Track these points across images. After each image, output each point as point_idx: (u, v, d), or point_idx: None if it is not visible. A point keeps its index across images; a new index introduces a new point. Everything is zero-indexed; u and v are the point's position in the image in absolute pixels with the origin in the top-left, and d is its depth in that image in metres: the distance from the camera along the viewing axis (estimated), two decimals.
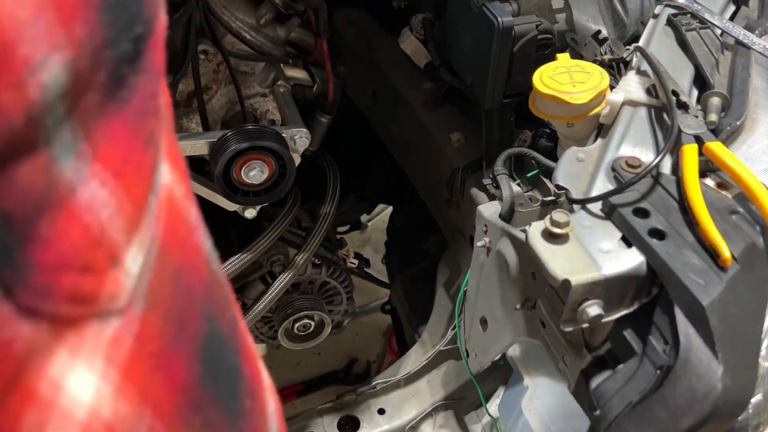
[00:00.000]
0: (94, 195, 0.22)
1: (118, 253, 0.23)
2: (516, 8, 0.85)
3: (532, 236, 0.60)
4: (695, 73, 0.76)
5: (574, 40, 0.90)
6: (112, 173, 0.23)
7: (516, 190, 0.85)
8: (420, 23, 1.03)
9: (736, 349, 0.52)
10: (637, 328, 0.59)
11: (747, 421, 0.57)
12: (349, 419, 1.16)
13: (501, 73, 0.88)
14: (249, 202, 0.88)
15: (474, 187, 1.00)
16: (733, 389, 0.51)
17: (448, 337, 1.13)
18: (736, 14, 0.87)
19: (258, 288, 1.13)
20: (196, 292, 0.27)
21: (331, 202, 1.05)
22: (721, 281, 0.54)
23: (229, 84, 0.94)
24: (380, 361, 1.85)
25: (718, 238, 0.55)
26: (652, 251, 0.56)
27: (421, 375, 1.20)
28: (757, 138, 0.70)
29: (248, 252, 0.98)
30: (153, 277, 0.25)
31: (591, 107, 0.74)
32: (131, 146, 0.24)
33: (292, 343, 1.21)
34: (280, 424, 0.35)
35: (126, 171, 0.23)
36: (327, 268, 1.16)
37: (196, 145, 0.82)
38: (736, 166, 0.61)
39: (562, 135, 0.82)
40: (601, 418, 0.58)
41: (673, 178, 0.64)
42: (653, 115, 0.72)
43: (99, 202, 0.22)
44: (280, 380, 1.87)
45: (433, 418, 1.19)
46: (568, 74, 0.75)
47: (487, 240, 0.81)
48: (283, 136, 0.85)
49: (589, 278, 0.56)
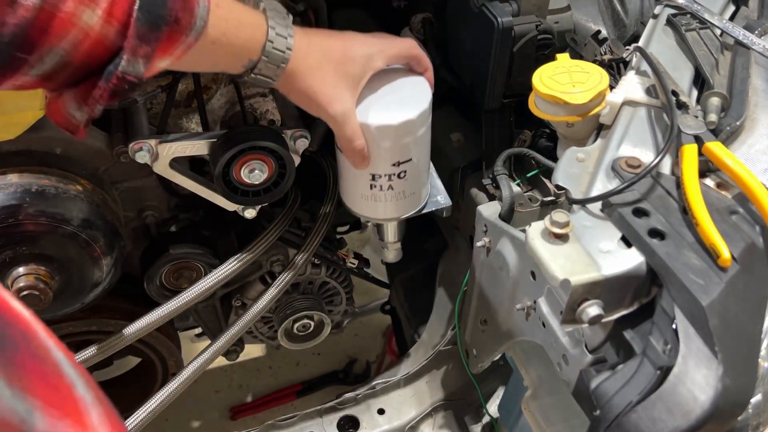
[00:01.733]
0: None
1: None
2: (516, 8, 0.85)
3: (531, 236, 0.60)
4: (695, 73, 0.76)
5: (574, 40, 0.90)
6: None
7: (516, 190, 0.85)
8: (420, 23, 1.03)
9: (736, 349, 0.52)
10: (637, 328, 0.59)
11: (747, 421, 0.57)
12: (349, 419, 1.16)
13: (501, 74, 0.88)
14: (249, 202, 0.88)
15: (474, 187, 1.00)
16: (733, 389, 0.51)
17: (448, 337, 1.13)
18: (736, 14, 0.87)
19: (258, 288, 1.13)
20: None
21: (331, 202, 1.04)
22: (721, 281, 0.54)
23: (228, 84, 0.94)
24: (380, 361, 1.86)
25: (717, 238, 0.55)
26: (651, 251, 0.56)
27: (421, 375, 1.20)
28: (756, 138, 0.70)
29: (248, 252, 0.98)
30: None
31: (591, 107, 0.74)
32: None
33: (291, 344, 1.21)
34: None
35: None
36: (327, 268, 1.16)
37: (196, 145, 0.82)
38: (735, 166, 0.61)
39: (562, 135, 0.82)
40: (601, 418, 0.58)
41: (672, 178, 0.64)
42: (653, 115, 0.72)
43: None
44: (280, 380, 1.87)
45: (433, 418, 1.19)
46: (567, 74, 0.76)
47: (487, 240, 0.81)
48: (283, 136, 0.85)
49: (588, 278, 0.56)
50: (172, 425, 1.69)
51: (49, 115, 0.68)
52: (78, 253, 0.88)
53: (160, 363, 1.24)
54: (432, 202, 0.93)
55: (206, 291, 0.96)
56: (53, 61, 0.60)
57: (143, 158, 0.80)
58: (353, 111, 0.77)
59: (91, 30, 0.59)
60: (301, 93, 0.75)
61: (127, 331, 0.93)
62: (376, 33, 0.82)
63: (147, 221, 1.05)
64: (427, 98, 0.82)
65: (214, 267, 0.98)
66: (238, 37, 0.68)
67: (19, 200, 0.82)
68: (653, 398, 0.54)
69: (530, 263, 0.68)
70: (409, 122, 0.79)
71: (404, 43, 0.83)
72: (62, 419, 0.26)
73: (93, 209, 0.87)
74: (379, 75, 0.80)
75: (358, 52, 0.77)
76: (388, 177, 0.84)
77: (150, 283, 1.04)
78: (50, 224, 0.84)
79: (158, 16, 0.61)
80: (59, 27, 0.58)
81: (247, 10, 0.70)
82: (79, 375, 0.29)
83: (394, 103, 0.80)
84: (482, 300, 0.89)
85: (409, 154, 0.83)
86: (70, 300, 0.92)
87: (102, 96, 0.62)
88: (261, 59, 0.71)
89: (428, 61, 0.84)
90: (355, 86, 0.77)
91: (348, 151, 0.80)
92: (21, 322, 0.27)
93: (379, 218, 0.93)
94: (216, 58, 0.69)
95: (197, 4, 0.63)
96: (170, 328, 1.22)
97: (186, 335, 1.46)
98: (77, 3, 0.58)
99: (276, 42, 0.70)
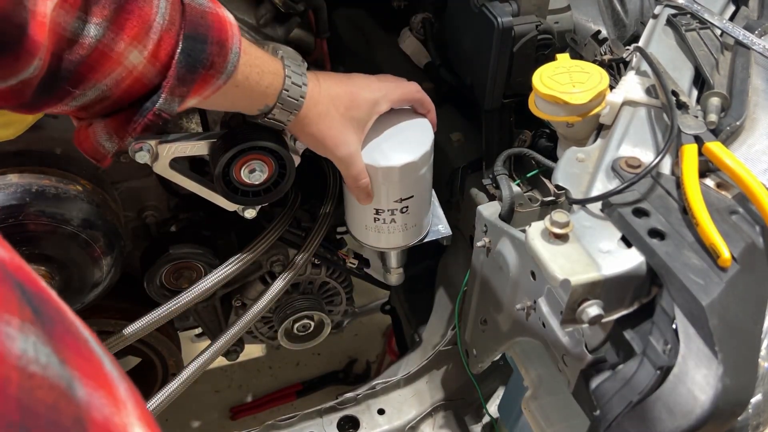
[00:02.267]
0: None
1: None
2: (516, 8, 0.85)
3: (531, 236, 0.60)
4: (695, 73, 0.76)
5: (574, 40, 0.90)
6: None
7: (516, 190, 0.85)
8: (420, 23, 1.03)
9: (736, 349, 0.52)
10: (637, 328, 0.59)
11: (747, 421, 0.57)
12: (349, 419, 1.16)
13: (501, 74, 0.88)
14: (249, 202, 0.88)
15: (474, 187, 1.00)
16: (733, 389, 0.51)
17: (448, 337, 1.12)
18: (736, 14, 0.87)
19: (258, 288, 1.13)
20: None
21: (331, 202, 1.04)
22: (721, 281, 0.54)
23: None
24: (380, 362, 1.85)
25: (717, 238, 0.55)
26: (651, 251, 0.56)
27: (421, 375, 1.20)
28: (756, 138, 0.70)
29: (248, 252, 0.98)
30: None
31: (591, 107, 0.74)
32: None
33: (291, 344, 1.21)
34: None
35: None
36: (327, 268, 1.16)
37: (196, 145, 0.82)
38: (735, 166, 0.61)
39: (562, 135, 0.82)
40: (601, 418, 0.58)
41: (672, 178, 0.64)
42: (653, 115, 0.72)
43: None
44: (280, 380, 1.87)
45: (433, 418, 1.19)
46: (567, 74, 0.75)
47: (487, 240, 0.81)
48: (283, 137, 0.85)
49: (588, 278, 0.56)
50: (172, 425, 1.69)
51: (77, 143, 0.70)
52: (78, 253, 0.88)
53: (160, 363, 1.24)
54: (433, 232, 0.98)
55: (206, 291, 0.96)
56: (94, 94, 0.63)
57: (143, 158, 0.80)
58: (359, 153, 0.82)
59: (135, 69, 0.62)
60: (311, 136, 0.80)
61: (127, 331, 0.93)
62: (382, 76, 0.87)
63: (147, 221, 1.05)
64: (429, 140, 0.86)
65: (214, 267, 0.98)
66: (260, 84, 0.72)
67: (19, 200, 0.82)
68: (653, 398, 0.54)
69: (530, 263, 0.68)
70: (411, 164, 0.84)
71: (408, 87, 0.87)
72: (97, 390, 0.27)
73: (93, 209, 0.87)
74: (385, 116, 0.85)
75: (363, 98, 0.81)
76: (391, 212, 0.89)
77: (150, 283, 1.04)
78: (50, 224, 0.84)
79: (197, 60, 0.65)
80: (107, 65, 0.61)
81: (269, 58, 0.74)
82: (104, 353, 0.30)
83: (397, 145, 0.84)
84: (482, 300, 0.89)
85: (412, 191, 0.87)
86: (70, 300, 0.92)
87: (135, 129, 0.66)
88: (276, 105, 0.75)
89: (431, 103, 0.89)
90: (360, 129, 0.82)
91: (353, 189, 0.85)
92: (52, 300, 0.29)
93: (383, 247, 0.97)
94: (236, 100, 0.73)
95: (230, 50, 0.67)
96: (170, 328, 1.22)
97: (186, 335, 1.46)
98: (127, 44, 0.61)
99: (291, 91, 0.74)
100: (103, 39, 0.59)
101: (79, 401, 0.25)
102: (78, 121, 0.69)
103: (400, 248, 0.97)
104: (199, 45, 0.64)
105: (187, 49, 0.64)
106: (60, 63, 0.58)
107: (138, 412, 0.30)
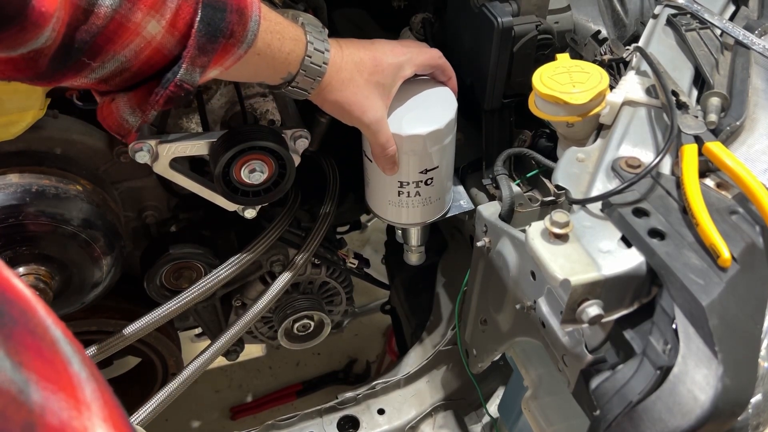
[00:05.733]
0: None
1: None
2: (516, 8, 0.85)
3: (531, 236, 0.60)
4: (695, 73, 0.76)
5: (574, 40, 0.90)
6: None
7: (516, 190, 0.85)
8: (420, 23, 1.03)
9: (736, 349, 0.52)
10: (637, 328, 0.59)
11: (747, 421, 0.56)
12: (349, 419, 1.16)
13: (501, 74, 0.88)
14: (249, 202, 0.88)
15: (474, 187, 1.00)
16: (733, 389, 0.51)
17: (448, 337, 1.13)
18: (736, 14, 0.87)
19: (258, 288, 1.13)
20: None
21: (331, 202, 1.05)
22: (721, 281, 0.54)
23: (228, 84, 0.93)
24: (380, 362, 1.86)
25: (717, 238, 0.55)
26: (651, 251, 0.56)
27: (421, 375, 1.20)
28: (756, 138, 0.70)
29: (248, 252, 0.98)
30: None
31: (591, 107, 0.74)
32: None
33: (291, 344, 1.21)
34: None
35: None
36: (327, 268, 1.16)
37: (196, 145, 0.82)
38: (735, 166, 0.61)
39: (562, 135, 0.82)
40: (601, 418, 0.58)
41: (672, 178, 0.64)
42: (653, 115, 0.72)
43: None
44: (280, 380, 1.87)
45: (433, 418, 1.19)
46: (567, 74, 0.75)
47: (487, 240, 0.81)
48: (283, 136, 0.85)
49: (588, 278, 0.56)
50: (172, 425, 1.69)
51: (100, 119, 0.69)
52: (78, 253, 0.88)
53: (160, 363, 1.24)
54: (455, 206, 0.97)
55: (206, 291, 0.96)
56: (113, 66, 0.62)
57: (143, 158, 0.80)
58: (385, 119, 0.80)
59: (153, 39, 0.62)
60: (335, 104, 0.78)
61: (127, 331, 0.93)
62: (404, 41, 0.86)
63: (147, 221, 1.05)
64: (453, 108, 0.85)
65: (214, 267, 0.98)
66: (281, 51, 0.71)
67: (19, 200, 0.82)
68: (653, 398, 0.54)
69: (530, 263, 0.67)
70: (437, 131, 0.83)
71: (431, 52, 0.86)
72: (56, 393, 0.27)
73: (93, 209, 0.87)
74: (407, 86, 0.83)
75: (387, 62, 0.79)
76: (416, 184, 0.87)
77: (150, 283, 1.04)
78: (50, 224, 0.84)
79: (217, 29, 0.64)
80: (125, 36, 0.60)
81: (289, 24, 0.73)
82: (75, 352, 0.30)
83: (422, 113, 0.83)
84: (482, 300, 0.89)
85: (436, 162, 0.86)
86: (70, 300, 0.92)
87: (158, 102, 0.65)
88: (299, 73, 0.73)
89: (452, 69, 0.88)
90: (386, 95, 0.80)
91: (380, 157, 0.83)
92: (21, 300, 0.28)
93: (405, 223, 0.96)
94: (258, 70, 0.72)
95: (250, 18, 0.66)
96: (170, 328, 1.22)
97: (186, 335, 1.47)
98: (144, 14, 0.60)
99: (314, 57, 0.73)
100: (119, 9, 0.59)
101: (32, 406, 0.25)
102: (100, 96, 0.68)
103: (423, 224, 0.96)
104: (218, 14, 0.63)
105: (206, 17, 0.63)
106: (75, 33, 0.58)
107: (105, 413, 0.29)
